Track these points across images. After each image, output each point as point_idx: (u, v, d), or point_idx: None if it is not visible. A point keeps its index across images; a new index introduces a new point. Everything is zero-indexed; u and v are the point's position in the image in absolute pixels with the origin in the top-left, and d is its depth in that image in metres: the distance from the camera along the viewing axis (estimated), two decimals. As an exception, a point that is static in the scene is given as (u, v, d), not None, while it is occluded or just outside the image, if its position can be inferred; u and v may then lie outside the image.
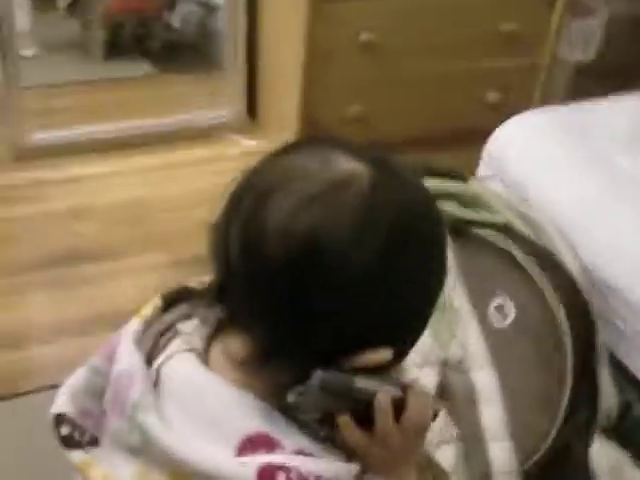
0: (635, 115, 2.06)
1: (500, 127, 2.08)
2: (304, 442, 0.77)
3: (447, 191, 1.68)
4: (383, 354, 0.77)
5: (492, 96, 2.91)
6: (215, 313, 0.84)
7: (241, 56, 3.06)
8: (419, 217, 0.79)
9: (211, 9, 3.59)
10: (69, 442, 0.83)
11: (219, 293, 0.80)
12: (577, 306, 1.58)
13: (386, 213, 0.74)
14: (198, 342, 0.82)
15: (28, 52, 3.53)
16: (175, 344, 0.82)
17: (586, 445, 1.57)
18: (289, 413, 0.79)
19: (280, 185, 0.74)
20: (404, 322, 0.80)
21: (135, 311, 0.88)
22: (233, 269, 0.76)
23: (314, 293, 0.73)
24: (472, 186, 1.71)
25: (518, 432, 1.57)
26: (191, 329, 0.84)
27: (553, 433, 1.54)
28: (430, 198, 0.82)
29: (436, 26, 2.73)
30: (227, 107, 3.15)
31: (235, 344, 0.79)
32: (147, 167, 2.89)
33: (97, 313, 2.23)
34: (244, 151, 3.01)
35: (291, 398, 0.77)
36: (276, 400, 0.78)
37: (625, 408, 1.69)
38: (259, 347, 0.77)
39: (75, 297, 2.32)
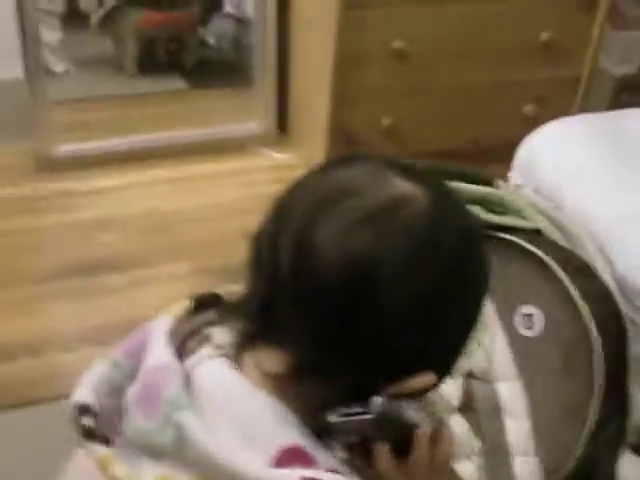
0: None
1: (532, 134, 2.02)
2: (333, 462, 0.75)
3: (476, 195, 1.62)
4: (428, 379, 0.75)
5: (528, 109, 2.85)
6: (245, 324, 0.80)
7: (271, 69, 3.04)
8: (473, 242, 0.79)
9: (245, 24, 3.58)
10: (92, 434, 0.77)
11: (259, 305, 0.76)
12: (608, 316, 1.50)
13: (444, 237, 0.74)
14: (229, 348, 0.80)
15: (59, 68, 3.56)
16: (207, 349, 0.79)
17: (614, 461, 1.49)
18: (323, 432, 0.77)
19: (334, 199, 0.73)
20: (450, 347, 0.80)
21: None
22: (280, 282, 0.73)
23: (364, 316, 0.71)
24: (502, 191, 1.65)
25: (544, 446, 1.50)
26: (222, 335, 0.81)
27: (580, 448, 1.46)
28: (480, 230, 0.83)
29: (471, 34, 2.68)
30: (258, 120, 3.13)
31: (268, 359, 0.76)
32: (174, 179, 2.89)
33: (119, 322, 2.20)
34: (274, 164, 3.00)
35: (333, 418, 0.75)
36: (307, 418, 0.76)
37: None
38: (296, 364, 0.74)
39: (97, 306, 2.31)
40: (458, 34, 2.66)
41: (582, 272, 1.54)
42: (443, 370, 0.80)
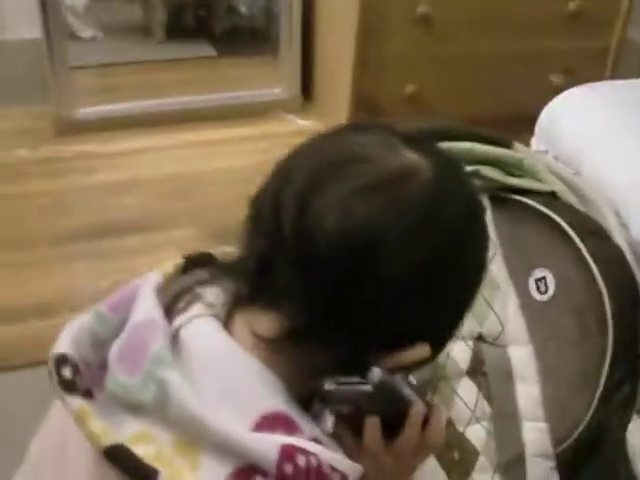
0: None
1: (554, 100, 1.99)
2: (317, 432, 0.75)
3: (492, 157, 1.59)
4: (423, 351, 0.75)
5: (556, 79, 2.81)
6: (238, 285, 0.79)
7: (297, 36, 3.04)
8: (475, 216, 0.79)
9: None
10: (70, 386, 0.74)
11: (257, 265, 0.75)
12: (621, 280, 1.48)
13: (447, 210, 0.74)
14: (220, 309, 0.78)
15: (86, 33, 3.55)
16: (197, 307, 0.78)
17: (623, 427, 1.47)
18: (317, 399, 0.76)
19: (342, 164, 0.72)
20: (447, 319, 0.80)
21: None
22: (281, 244, 0.72)
23: (363, 284, 0.71)
24: (519, 153, 1.62)
25: (554, 412, 1.48)
26: (213, 295, 0.80)
27: (590, 414, 1.44)
28: (481, 204, 0.82)
29: (499, 1, 2.64)
30: (282, 86, 3.12)
31: (262, 321, 0.75)
32: (196, 142, 2.89)
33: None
34: (297, 130, 3.00)
35: (329, 385, 0.74)
36: (297, 385, 0.75)
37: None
38: (290, 328, 0.73)
39: (114, 268, 2.30)
40: (484, 0, 2.62)
41: (596, 235, 1.51)
42: (438, 343, 0.80)
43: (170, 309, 0.79)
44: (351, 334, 0.73)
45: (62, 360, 0.75)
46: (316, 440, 0.73)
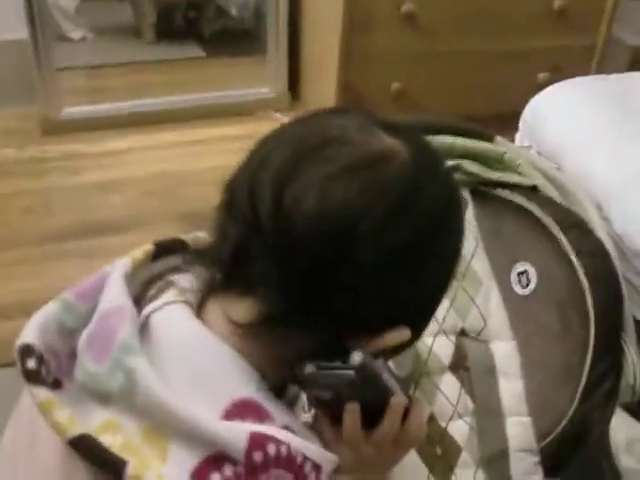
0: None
1: (536, 96, 1.99)
2: (289, 421, 0.74)
3: (473, 151, 1.59)
4: (403, 334, 0.75)
5: (542, 77, 2.81)
6: (211, 272, 0.78)
7: (283, 34, 3.03)
8: (452, 201, 0.79)
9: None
10: (34, 377, 0.72)
11: (232, 250, 0.74)
12: (603, 273, 1.47)
13: (424, 195, 0.73)
14: (192, 296, 0.77)
15: (75, 34, 3.55)
16: (169, 293, 0.76)
17: (606, 421, 1.47)
18: (298, 384, 0.76)
19: (318, 146, 0.72)
20: (425, 302, 0.79)
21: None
22: (257, 229, 0.71)
23: (343, 265, 0.70)
24: (500, 147, 1.62)
25: (538, 407, 1.48)
26: (185, 282, 0.79)
27: (573, 408, 1.44)
28: (457, 187, 0.82)
29: (484, 0, 2.64)
30: (270, 85, 3.12)
31: (238, 307, 0.74)
32: (184, 142, 2.89)
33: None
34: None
35: (310, 369, 0.73)
36: (272, 372, 0.75)
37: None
38: (267, 313, 0.72)
39: (99, 267, 2.27)
40: (470, -1, 2.63)
41: (577, 229, 1.51)
42: (418, 326, 0.79)
43: (140, 296, 0.78)
44: (330, 318, 0.72)
45: (27, 350, 0.73)
46: (288, 428, 0.72)
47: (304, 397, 0.81)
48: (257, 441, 0.67)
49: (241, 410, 0.70)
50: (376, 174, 0.71)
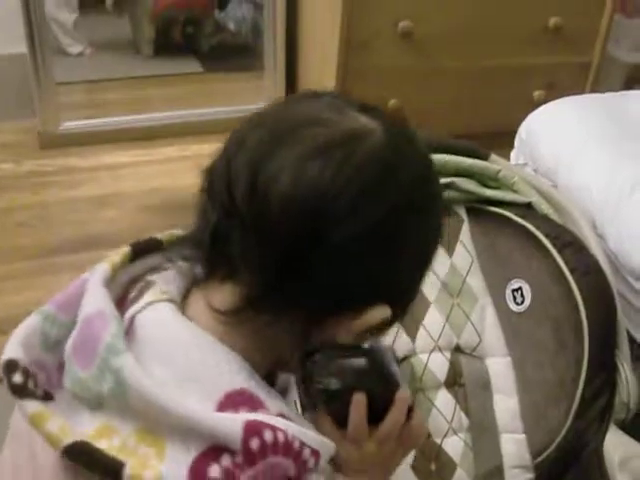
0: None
1: (532, 114, 2.00)
2: (284, 408, 0.74)
3: (468, 168, 1.59)
4: (382, 312, 0.75)
5: (538, 94, 2.82)
6: (191, 264, 0.79)
7: (281, 51, 3.05)
8: (428, 177, 0.79)
9: (261, 7, 3.58)
10: (22, 391, 0.71)
11: (211, 236, 0.74)
12: (598, 290, 1.47)
13: (401, 172, 0.73)
14: (175, 293, 0.77)
15: (74, 49, 3.57)
16: (151, 293, 0.76)
17: (600, 438, 1.47)
18: (306, 374, 0.76)
19: (293, 128, 0.72)
20: (404, 279, 0.79)
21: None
22: (233, 212, 0.71)
23: (320, 243, 0.70)
24: (496, 165, 1.62)
25: (532, 423, 1.48)
26: (166, 280, 0.78)
27: (567, 425, 1.44)
28: (431, 159, 0.82)
29: (480, 17, 2.67)
30: (267, 100, 3.10)
31: (219, 294, 0.75)
32: (181, 157, 2.91)
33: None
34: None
35: (319, 356, 0.74)
36: (262, 360, 0.75)
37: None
38: (250, 294, 0.73)
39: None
40: (466, 16, 2.65)
41: (572, 246, 1.51)
42: (398, 305, 0.79)
43: (122, 299, 0.77)
44: (309, 296, 0.72)
45: (11, 365, 0.72)
46: (284, 416, 0.72)
47: (297, 397, 0.81)
48: (253, 428, 0.67)
49: (234, 401, 0.70)
50: (350, 152, 0.71)
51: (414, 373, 1.48)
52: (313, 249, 0.70)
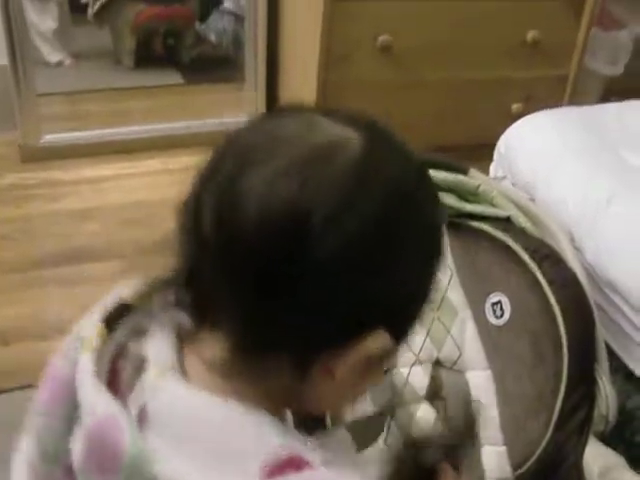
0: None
1: (511, 127, 2.02)
2: (326, 454, 0.68)
3: (447, 183, 1.61)
4: (382, 338, 0.68)
5: (516, 107, 2.85)
6: (173, 316, 0.72)
7: (262, 63, 3.06)
8: (415, 188, 0.71)
9: (242, 20, 3.59)
10: None
11: (185, 276, 0.68)
12: (576, 303, 1.49)
13: (380, 181, 0.66)
14: (170, 359, 0.69)
15: (53, 58, 3.56)
16: (150, 375, 0.68)
17: (580, 450, 1.48)
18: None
19: (261, 149, 0.66)
20: (402, 297, 0.71)
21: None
22: (204, 244, 0.65)
23: (299, 270, 0.63)
24: (473, 179, 1.64)
25: (513, 436, 1.49)
26: (157, 347, 0.70)
27: (547, 437, 1.45)
28: (425, 169, 0.75)
29: (459, 31, 2.69)
30: (248, 113, 3.13)
31: (209, 345, 0.68)
32: (162, 170, 2.90)
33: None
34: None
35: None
36: (284, 404, 0.71)
37: (631, 416, 1.61)
38: (238, 342, 0.66)
39: (77, 296, 2.29)
40: (444, 29, 2.67)
41: (549, 259, 1.53)
42: (397, 330, 0.71)
43: (112, 377, 0.70)
44: (296, 330, 0.66)
45: None
46: (327, 462, 0.66)
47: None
48: None
49: (278, 468, 0.64)
50: (323, 166, 0.65)
51: (394, 387, 1.49)
52: (291, 275, 0.63)
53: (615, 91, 2.99)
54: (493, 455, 1.48)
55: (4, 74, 2.79)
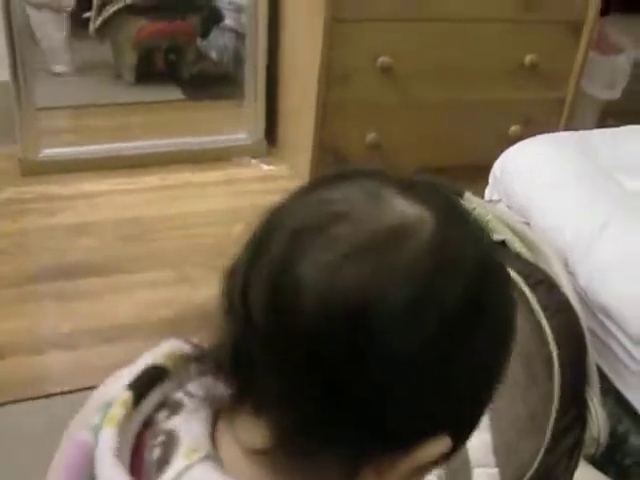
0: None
1: (507, 150, 2.03)
2: None
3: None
4: (443, 445, 0.60)
5: (514, 130, 2.86)
6: (210, 388, 0.66)
7: (262, 82, 3.07)
8: (490, 277, 0.63)
9: (243, 37, 3.61)
10: None
11: (230, 356, 0.61)
12: (568, 328, 1.50)
13: (455, 275, 0.59)
14: (205, 443, 0.63)
15: (58, 68, 3.58)
16: (180, 456, 0.62)
17: (570, 472, 1.49)
18: None
19: (319, 226, 0.58)
20: (467, 404, 0.63)
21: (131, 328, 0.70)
22: (253, 327, 0.59)
23: (358, 369, 0.56)
24: (468, 202, 1.65)
25: (505, 458, 1.50)
26: (189, 426, 0.64)
27: (538, 459, 1.46)
28: (501, 261, 0.66)
29: (457, 54, 2.71)
30: (247, 132, 3.15)
31: (251, 429, 0.61)
32: (161, 186, 2.91)
33: (95, 327, 2.21)
34: (261, 175, 3.03)
35: None
36: None
37: (622, 439, 1.61)
38: (285, 435, 0.60)
39: (73, 311, 2.29)
40: (445, 52, 2.69)
41: (543, 284, 1.54)
42: (461, 432, 0.64)
43: (135, 457, 0.65)
44: (349, 433, 0.59)
45: None
46: None
47: None
48: None
49: None
50: (390, 255, 0.57)
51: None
52: (347, 376, 0.56)
53: (612, 114, 3.01)
54: (485, 477, 1.48)
55: (6, 89, 2.80)
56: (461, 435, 0.64)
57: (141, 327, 2.19)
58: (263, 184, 2.94)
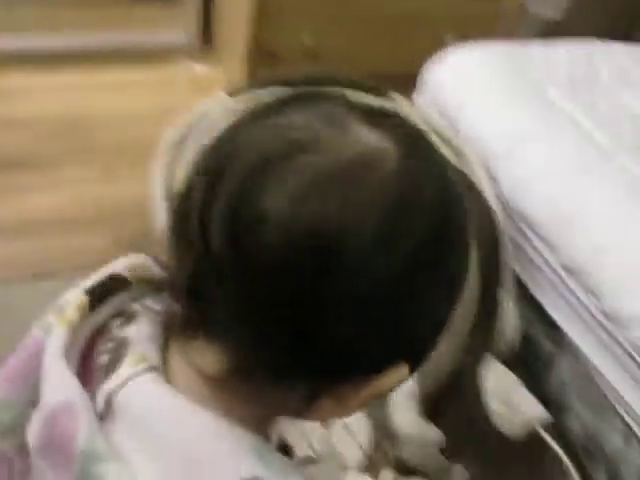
0: (574, 58, 2.04)
1: (437, 60, 2.04)
2: (305, 476, 0.64)
3: (367, 106, 1.63)
4: (402, 372, 0.61)
5: (450, 41, 2.85)
6: (164, 307, 0.67)
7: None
8: (452, 206, 0.62)
9: None
10: None
11: (187, 286, 0.59)
12: (485, 230, 1.55)
13: (420, 204, 0.58)
14: (154, 355, 0.63)
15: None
16: (128, 362, 0.62)
17: (477, 370, 1.55)
18: None
19: (283, 155, 0.56)
20: (427, 336, 0.63)
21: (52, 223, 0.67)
22: (213, 259, 0.57)
23: (323, 299, 0.55)
24: (394, 103, 1.67)
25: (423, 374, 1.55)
26: (141, 335, 0.64)
27: (453, 360, 1.52)
28: (461, 192, 0.65)
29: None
30: (182, 31, 3.10)
31: (206, 355, 0.60)
32: (89, 84, 2.84)
33: (31, 219, 2.22)
34: (194, 76, 2.98)
35: None
36: (269, 422, 0.65)
37: (533, 341, 1.68)
38: (242, 363, 0.59)
39: (5, 204, 2.28)
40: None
41: (466, 188, 1.58)
42: (417, 362, 0.64)
43: (85, 357, 0.65)
44: (311, 363, 0.59)
45: None
46: None
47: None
48: None
49: None
50: (355, 187, 0.56)
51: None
52: (313, 308, 0.56)
53: (553, 33, 3.02)
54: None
55: None
56: (417, 362, 0.64)
57: (63, 223, 2.19)
58: (195, 85, 2.89)
